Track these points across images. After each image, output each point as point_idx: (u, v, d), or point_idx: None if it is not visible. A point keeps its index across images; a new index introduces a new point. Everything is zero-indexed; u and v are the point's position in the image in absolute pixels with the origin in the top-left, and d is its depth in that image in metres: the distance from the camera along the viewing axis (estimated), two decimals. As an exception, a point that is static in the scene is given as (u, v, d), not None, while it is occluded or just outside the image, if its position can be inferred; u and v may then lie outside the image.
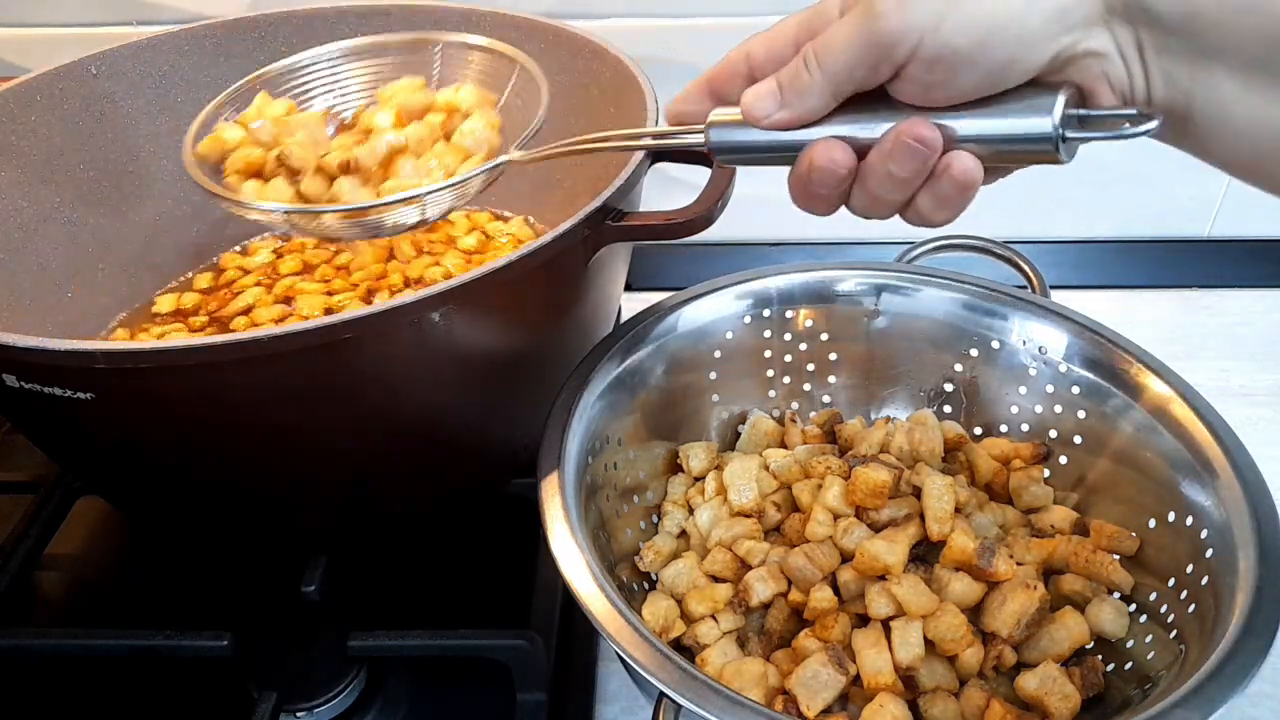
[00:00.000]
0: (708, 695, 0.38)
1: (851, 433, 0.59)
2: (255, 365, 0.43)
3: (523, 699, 0.52)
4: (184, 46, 0.71)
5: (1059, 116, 0.35)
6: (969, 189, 0.38)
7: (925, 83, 0.36)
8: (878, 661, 0.45)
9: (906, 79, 0.36)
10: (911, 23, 0.35)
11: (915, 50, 0.35)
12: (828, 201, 0.40)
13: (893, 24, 0.35)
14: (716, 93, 0.43)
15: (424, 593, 0.59)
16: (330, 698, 0.52)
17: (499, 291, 0.46)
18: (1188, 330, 0.83)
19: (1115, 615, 0.48)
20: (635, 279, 0.78)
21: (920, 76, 0.36)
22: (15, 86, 0.65)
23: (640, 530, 0.56)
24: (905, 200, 0.39)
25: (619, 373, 0.54)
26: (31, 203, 0.65)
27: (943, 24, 0.34)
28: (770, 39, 0.41)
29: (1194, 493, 0.48)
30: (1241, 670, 0.38)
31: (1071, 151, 0.37)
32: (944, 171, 0.37)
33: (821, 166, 0.39)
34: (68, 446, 0.54)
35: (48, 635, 0.56)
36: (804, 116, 0.39)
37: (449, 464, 0.57)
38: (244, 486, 0.53)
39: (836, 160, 0.38)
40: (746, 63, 0.41)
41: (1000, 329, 0.58)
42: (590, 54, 0.67)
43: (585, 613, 0.42)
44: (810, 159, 0.39)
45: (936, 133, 0.37)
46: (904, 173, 0.38)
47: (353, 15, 0.73)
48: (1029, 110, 0.36)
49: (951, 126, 0.37)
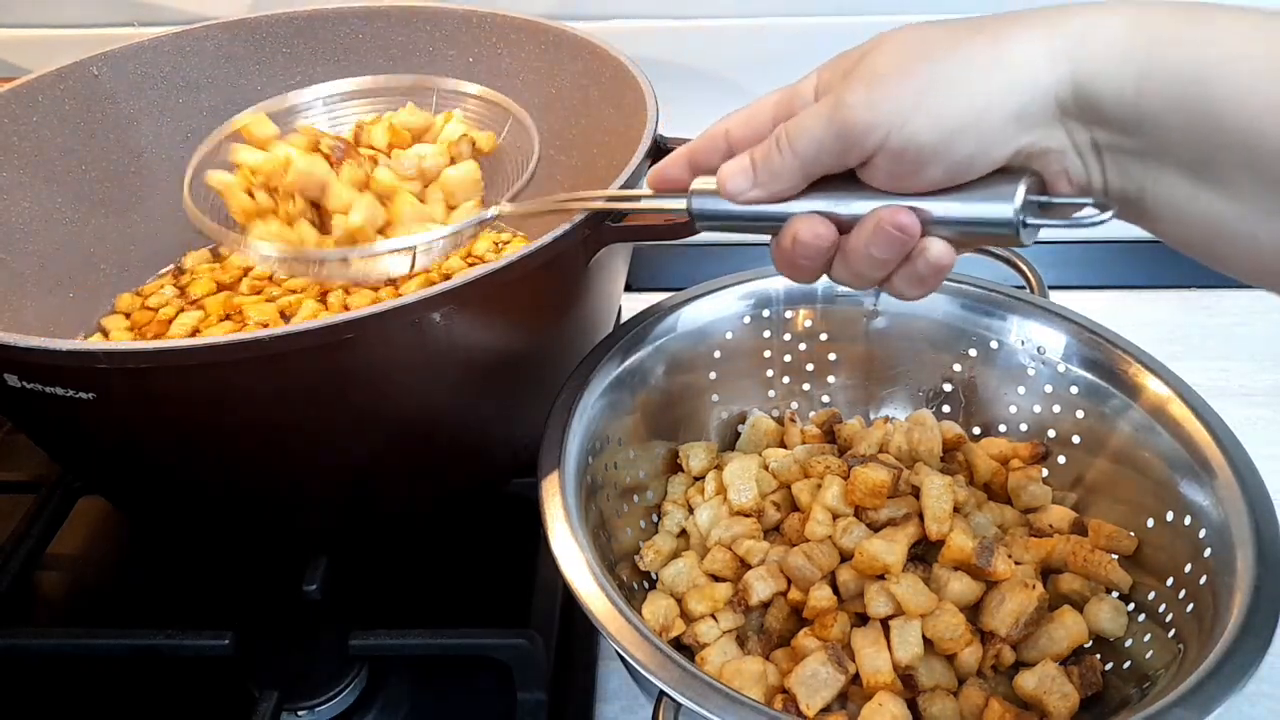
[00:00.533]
0: (707, 694, 0.38)
1: (850, 432, 0.59)
2: (256, 365, 0.43)
3: (523, 698, 0.52)
4: (185, 47, 0.72)
5: (1019, 204, 0.37)
6: (942, 272, 0.39)
7: (892, 173, 0.38)
8: (877, 660, 0.46)
9: (874, 167, 0.38)
10: (879, 118, 0.36)
11: (882, 143, 0.36)
12: (811, 272, 0.42)
13: (861, 117, 0.36)
14: (697, 164, 0.44)
15: (424, 592, 0.59)
16: (331, 697, 0.52)
17: (499, 292, 0.46)
18: (1186, 330, 0.83)
19: (1114, 614, 0.48)
20: (635, 279, 0.78)
21: (887, 167, 0.37)
22: (17, 87, 0.65)
23: (640, 530, 0.56)
24: (884, 277, 0.41)
25: (619, 373, 0.54)
26: (33, 203, 0.66)
27: (908, 122, 0.36)
28: (749, 116, 0.43)
29: (1192, 492, 0.48)
30: (1240, 669, 0.38)
31: (1032, 235, 0.38)
32: (919, 255, 0.39)
33: (805, 241, 0.40)
34: (69, 446, 0.55)
35: (49, 635, 0.56)
36: (776, 195, 0.40)
37: (449, 464, 0.57)
38: (245, 486, 0.53)
39: (820, 235, 0.40)
40: (725, 139, 0.43)
41: (999, 329, 0.58)
42: (590, 55, 0.67)
43: (585, 612, 0.42)
44: (794, 233, 0.40)
45: (916, 221, 0.38)
46: (884, 255, 0.39)
47: (353, 16, 0.73)
48: (992, 197, 0.37)
49: (920, 209, 0.38)
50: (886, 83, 0.36)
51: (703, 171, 0.44)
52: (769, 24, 0.77)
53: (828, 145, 0.38)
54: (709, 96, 0.78)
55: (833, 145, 0.38)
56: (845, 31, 0.47)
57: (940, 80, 0.35)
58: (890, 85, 0.36)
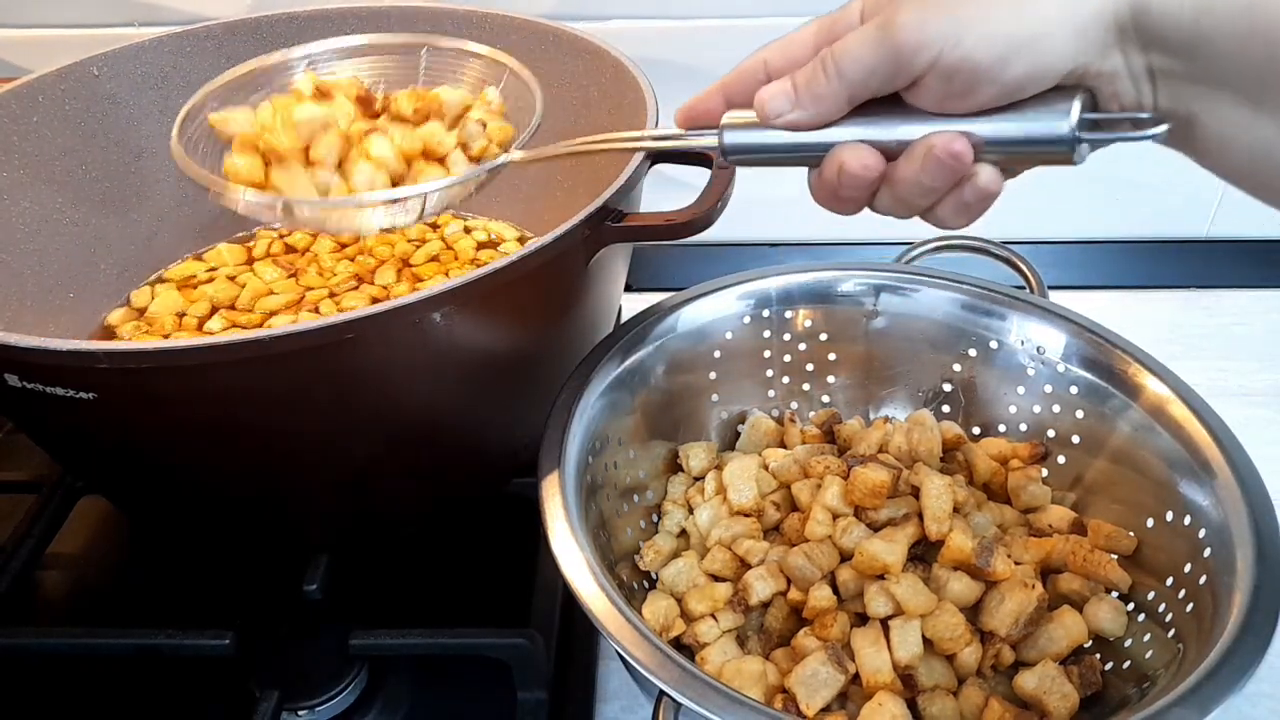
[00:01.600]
0: (707, 694, 0.38)
1: (850, 433, 0.59)
2: (257, 365, 0.43)
3: (523, 698, 0.52)
4: (186, 48, 0.72)
5: (1075, 119, 0.36)
6: (990, 198, 0.39)
7: (943, 94, 0.37)
8: (877, 660, 0.46)
9: (923, 88, 0.37)
10: (931, 36, 0.35)
11: (934, 63, 0.35)
12: (855, 203, 0.41)
13: (912, 36, 0.35)
14: (731, 97, 0.42)
15: (425, 592, 0.59)
16: (331, 696, 0.52)
17: (499, 292, 0.46)
18: (1185, 330, 0.83)
19: (1113, 614, 0.48)
20: (635, 279, 0.78)
21: (938, 87, 0.36)
22: (17, 87, 0.65)
23: (640, 529, 0.56)
24: (930, 205, 0.40)
25: (619, 373, 0.54)
26: (34, 203, 0.66)
27: (962, 41, 0.35)
28: (788, 45, 0.41)
29: (1192, 492, 0.48)
30: (1239, 669, 0.38)
31: (1084, 154, 0.37)
32: (968, 181, 0.38)
33: (853, 172, 0.39)
34: (70, 446, 0.55)
35: (50, 635, 0.56)
36: (818, 119, 0.39)
37: (449, 464, 0.57)
38: (245, 486, 0.53)
39: (869, 165, 0.39)
40: (764, 69, 0.42)
41: (998, 329, 0.58)
42: (590, 55, 0.67)
43: (585, 612, 0.42)
44: (840, 163, 0.39)
45: (970, 148, 0.37)
46: (934, 183, 0.38)
47: (353, 16, 0.73)
48: (1045, 113, 0.36)
49: (971, 131, 0.37)
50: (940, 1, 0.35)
51: (737, 105, 0.42)
52: (769, 24, 0.77)
53: (877, 66, 0.37)
54: (709, 96, 0.78)
55: (882, 66, 0.36)
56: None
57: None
58: (943, 3, 0.35)
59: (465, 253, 0.75)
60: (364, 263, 0.74)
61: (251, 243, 0.76)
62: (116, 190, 0.71)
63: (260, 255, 0.75)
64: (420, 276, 0.73)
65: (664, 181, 0.60)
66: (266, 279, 0.72)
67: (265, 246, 0.76)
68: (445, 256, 0.75)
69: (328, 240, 0.76)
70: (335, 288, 0.71)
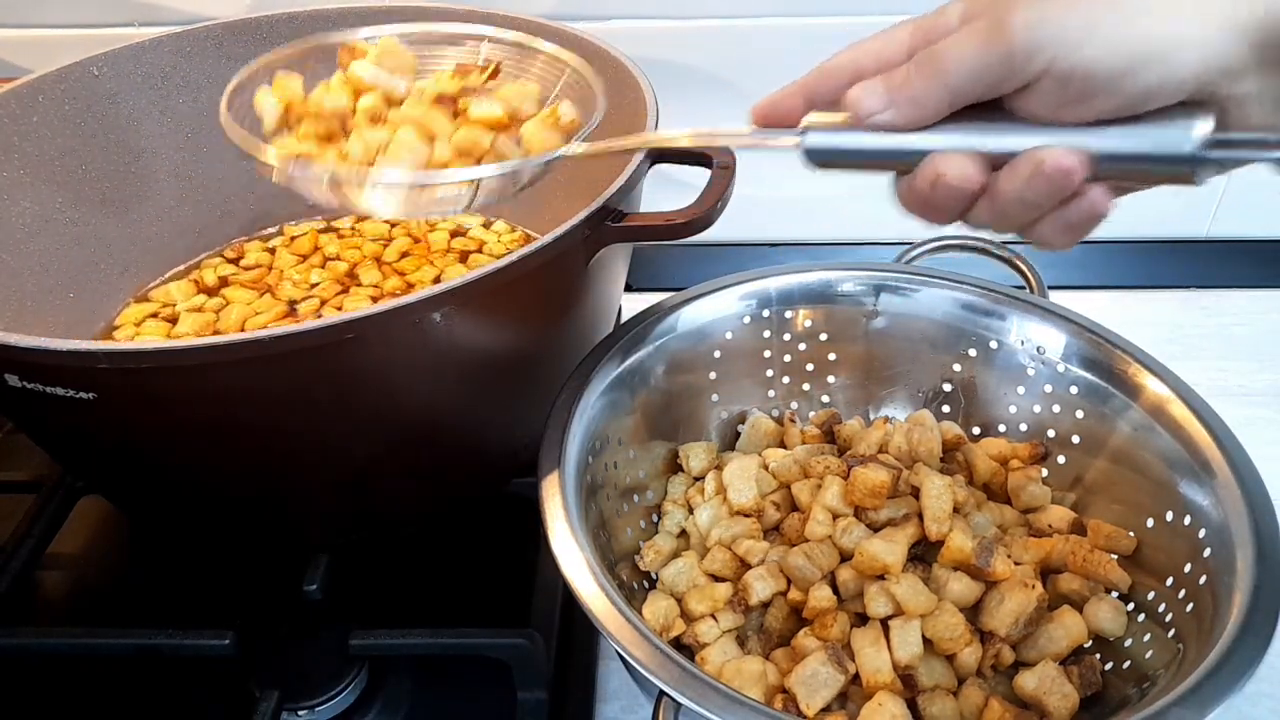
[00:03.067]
0: (707, 694, 0.38)
1: (850, 433, 0.59)
2: (257, 365, 0.43)
3: (523, 698, 0.52)
4: (186, 48, 0.72)
5: (1201, 137, 0.33)
6: (1097, 220, 0.36)
7: (1055, 102, 0.34)
8: (877, 660, 0.46)
9: (1033, 95, 0.35)
10: (1046, 40, 0.33)
11: (1047, 69, 0.33)
12: (949, 215, 0.38)
13: (1025, 38, 0.33)
14: (813, 98, 0.40)
15: (425, 592, 0.59)
16: (331, 696, 0.52)
17: (500, 292, 0.46)
18: (1185, 330, 0.83)
19: (1113, 614, 0.48)
20: (635, 279, 0.78)
21: (1049, 95, 0.34)
22: (17, 87, 0.65)
23: (640, 530, 0.56)
24: (1030, 222, 0.37)
25: (619, 373, 0.54)
26: (34, 203, 0.66)
27: (1082, 46, 0.32)
28: (881, 46, 0.39)
29: (1192, 492, 0.48)
30: (1239, 669, 0.38)
31: (1207, 174, 0.34)
32: (1075, 200, 0.36)
33: (952, 184, 0.36)
34: (70, 446, 0.55)
35: (50, 635, 0.56)
36: (914, 122, 0.37)
37: (449, 464, 0.57)
38: (245, 486, 0.53)
39: (969, 178, 0.36)
40: (852, 69, 0.39)
41: (998, 329, 0.58)
42: (591, 55, 0.67)
43: (585, 612, 0.42)
44: (938, 173, 0.36)
45: (1082, 165, 0.35)
46: (1039, 199, 0.36)
47: (354, 16, 0.73)
48: (1167, 128, 0.34)
49: (1082, 144, 0.35)
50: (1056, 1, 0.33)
51: (821, 105, 0.39)
52: (769, 24, 0.77)
53: (984, 69, 0.34)
54: (709, 96, 0.78)
55: (990, 69, 0.34)
56: (846, 31, 0.47)
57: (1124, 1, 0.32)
58: (1060, 4, 0.33)
59: (439, 244, 0.75)
60: (335, 268, 0.73)
61: (197, 274, 0.74)
62: (116, 190, 0.71)
63: (213, 283, 0.72)
64: (402, 271, 0.73)
65: (664, 181, 0.60)
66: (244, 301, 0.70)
67: (214, 273, 0.73)
68: (417, 251, 0.75)
69: (287, 254, 0.75)
70: (323, 294, 0.71)
